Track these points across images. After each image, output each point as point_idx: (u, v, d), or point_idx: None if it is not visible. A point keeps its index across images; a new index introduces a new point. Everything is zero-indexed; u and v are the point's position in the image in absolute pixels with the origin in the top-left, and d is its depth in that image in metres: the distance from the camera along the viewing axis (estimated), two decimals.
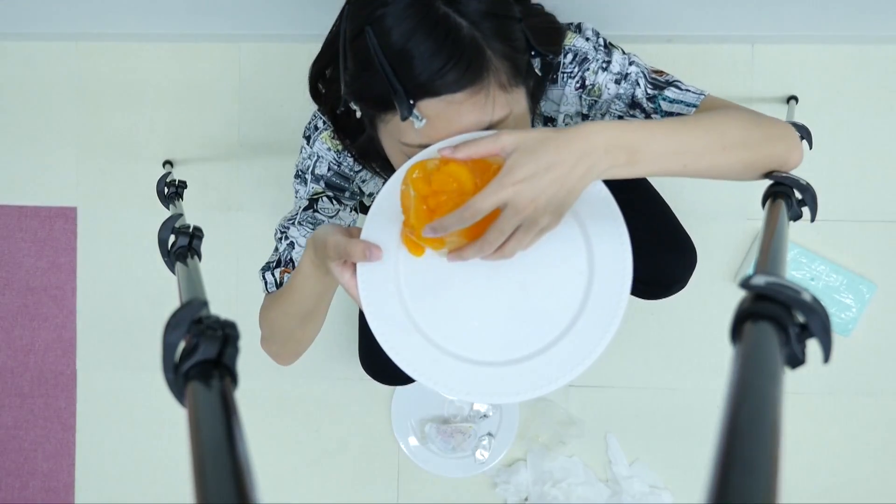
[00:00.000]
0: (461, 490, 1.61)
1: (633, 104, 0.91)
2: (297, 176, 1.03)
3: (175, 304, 0.57)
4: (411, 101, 0.72)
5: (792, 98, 1.49)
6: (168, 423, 1.67)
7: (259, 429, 1.63)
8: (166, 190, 1.26)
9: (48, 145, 1.67)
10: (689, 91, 0.90)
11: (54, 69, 1.66)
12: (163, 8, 1.44)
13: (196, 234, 0.83)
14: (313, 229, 0.98)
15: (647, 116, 0.91)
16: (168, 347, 0.51)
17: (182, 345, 0.52)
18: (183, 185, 1.28)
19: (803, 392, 1.53)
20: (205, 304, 0.55)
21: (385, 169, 0.96)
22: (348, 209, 1.03)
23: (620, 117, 0.92)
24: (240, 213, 1.63)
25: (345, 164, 1.00)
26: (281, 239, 1.00)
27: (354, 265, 0.78)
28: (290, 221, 1.00)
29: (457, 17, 0.72)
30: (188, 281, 0.70)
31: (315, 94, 0.91)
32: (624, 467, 1.57)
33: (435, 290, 0.78)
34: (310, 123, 1.03)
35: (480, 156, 0.72)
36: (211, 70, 1.63)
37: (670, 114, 0.90)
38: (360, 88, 0.77)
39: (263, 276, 1.00)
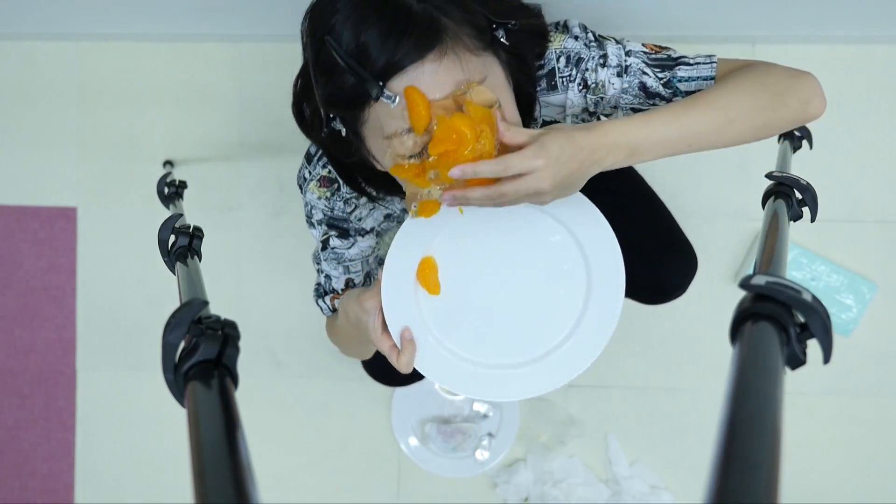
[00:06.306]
0: (461, 490, 1.61)
1: (651, 94, 0.90)
2: (306, 220, 1.07)
3: (175, 304, 0.57)
4: (381, 84, 0.75)
5: None
6: (168, 423, 1.67)
7: (259, 429, 1.63)
8: (166, 190, 1.26)
9: (48, 145, 1.67)
10: (700, 63, 0.89)
11: (54, 69, 1.65)
12: (163, 8, 1.44)
13: (196, 234, 0.83)
14: (339, 263, 1.07)
15: (669, 101, 0.90)
16: (168, 347, 0.51)
17: (182, 345, 0.52)
18: (183, 185, 1.28)
19: (803, 392, 1.53)
20: (205, 304, 0.55)
21: (386, 190, 0.97)
22: (362, 236, 1.06)
23: (635, 109, 0.92)
24: (240, 213, 1.63)
25: (336, 208, 1.03)
26: (319, 271, 1.08)
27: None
28: (318, 258, 1.08)
29: None
30: (188, 281, 0.70)
31: (301, 121, 0.96)
32: (624, 467, 1.56)
33: (457, 315, 0.92)
34: (299, 173, 1.07)
35: (516, 141, 0.76)
36: (211, 70, 1.62)
37: (690, 93, 0.89)
38: (332, 94, 0.80)
39: (318, 303, 1.09)
